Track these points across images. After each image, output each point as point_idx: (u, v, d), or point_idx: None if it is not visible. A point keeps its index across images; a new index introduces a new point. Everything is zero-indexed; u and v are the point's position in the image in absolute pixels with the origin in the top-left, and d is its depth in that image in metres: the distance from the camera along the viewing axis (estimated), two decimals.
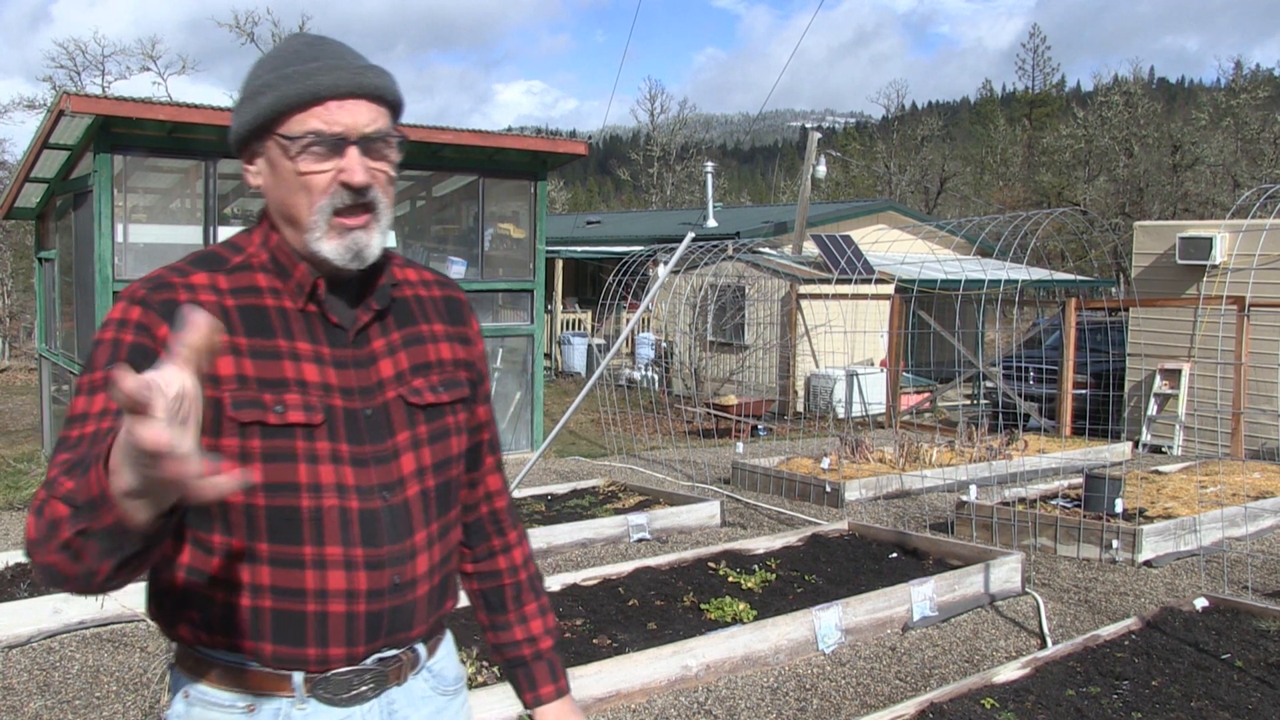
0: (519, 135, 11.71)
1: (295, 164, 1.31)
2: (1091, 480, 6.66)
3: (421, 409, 1.42)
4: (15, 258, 22.08)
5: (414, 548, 1.39)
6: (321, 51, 1.33)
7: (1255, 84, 38.92)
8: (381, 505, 1.36)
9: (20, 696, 4.09)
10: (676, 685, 4.09)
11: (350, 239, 1.33)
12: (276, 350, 1.33)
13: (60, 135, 8.25)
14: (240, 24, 33.44)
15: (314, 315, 1.37)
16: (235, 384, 1.30)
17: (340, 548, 1.33)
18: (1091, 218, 21.07)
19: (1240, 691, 4.01)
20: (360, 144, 1.32)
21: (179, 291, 1.34)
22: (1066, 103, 49.23)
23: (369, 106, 1.32)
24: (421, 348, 1.46)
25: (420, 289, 1.51)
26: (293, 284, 1.37)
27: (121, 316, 1.32)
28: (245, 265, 1.38)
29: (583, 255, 21.70)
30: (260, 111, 1.32)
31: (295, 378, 1.33)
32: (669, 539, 6.67)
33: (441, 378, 1.46)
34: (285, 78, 1.31)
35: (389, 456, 1.38)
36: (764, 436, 12.04)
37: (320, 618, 1.33)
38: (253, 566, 1.32)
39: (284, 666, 1.35)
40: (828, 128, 69.30)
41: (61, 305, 10.10)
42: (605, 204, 62.04)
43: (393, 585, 1.36)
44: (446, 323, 1.51)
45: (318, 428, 1.33)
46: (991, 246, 17.16)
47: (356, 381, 1.37)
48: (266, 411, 1.29)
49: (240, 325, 1.33)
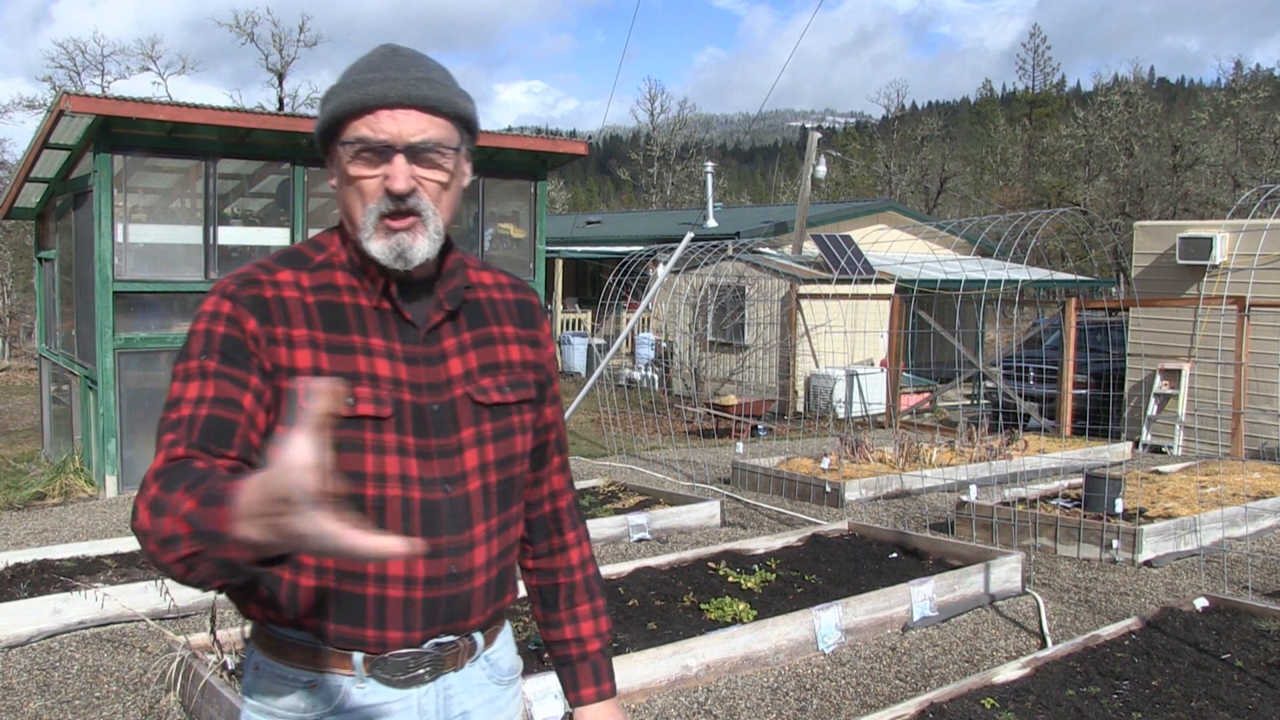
0: (519, 135, 11.71)
1: (348, 168, 1.39)
2: (1091, 480, 6.66)
3: (487, 408, 1.48)
4: (15, 258, 22.08)
5: (472, 539, 1.45)
6: (387, 62, 1.40)
7: (1255, 84, 38.95)
8: (442, 497, 1.42)
9: (20, 696, 4.09)
10: (676, 685, 4.09)
11: (394, 240, 1.39)
12: (351, 345, 1.41)
13: (60, 135, 8.25)
14: (240, 24, 33.44)
15: (388, 312, 1.44)
16: (311, 376, 1.37)
17: (401, 536, 1.36)
18: (1091, 218, 21.06)
19: (1240, 691, 4.01)
20: (406, 152, 1.37)
21: (265, 288, 1.41)
22: (1066, 103, 49.24)
23: (420, 116, 1.38)
24: (491, 348, 1.52)
25: (494, 291, 1.57)
26: (368, 282, 1.44)
27: (214, 309, 1.40)
28: (326, 264, 1.46)
29: (583, 255, 21.70)
30: (324, 117, 1.41)
31: (367, 372, 1.40)
32: (669, 539, 6.67)
33: (509, 378, 1.52)
34: (346, 86, 1.39)
35: (453, 451, 1.44)
36: (764, 436, 12.03)
37: (379, 601, 1.40)
38: None
39: (344, 646, 1.41)
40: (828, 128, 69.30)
41: (61, 305, 10.10)
42: (605, 204, 62.04)
43: (450, 574, 1.42)
44: (518, 325, 1.57)
45: (386, 420, 1.39)
46: (991, 246, 17.16)
47: (426, 377, 1.44)
48: (339, 403, 1.34)
49: (319, 320, 1.41)
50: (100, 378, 8.04)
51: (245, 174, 9.30)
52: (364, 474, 1.38)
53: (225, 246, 8.65)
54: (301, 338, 1.39)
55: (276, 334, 1.39)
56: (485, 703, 1.53)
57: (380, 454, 1.39)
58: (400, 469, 1.40)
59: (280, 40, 34.62)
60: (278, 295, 1.41)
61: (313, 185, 9.11)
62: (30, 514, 7.54)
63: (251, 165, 9.12)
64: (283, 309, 1.40)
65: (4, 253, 22.05)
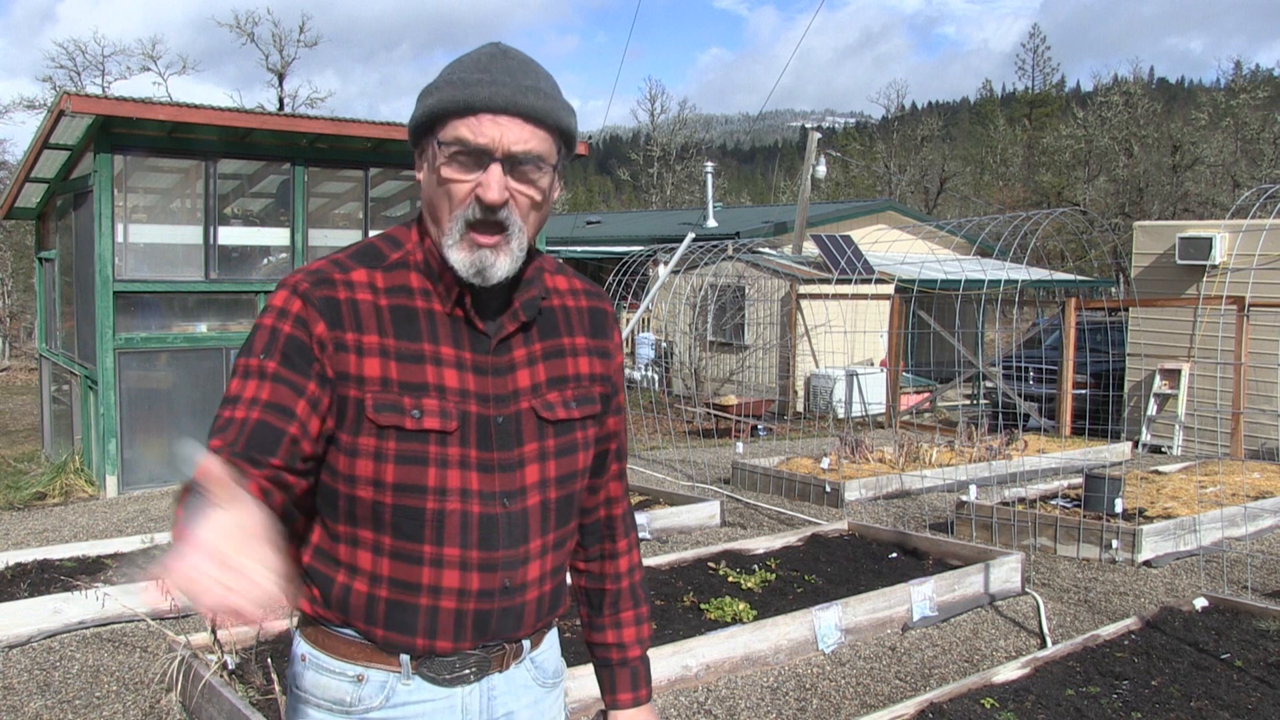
0: None
1: (442, 169, 1.34)
2: (1091, 480, 6.66)
3: (552, 424, 1.45)
4: (15, 258, 22.08)
5: (527, 554, 1.43)
6: (496, 64, 1.35)
7: (1255, 84, 38.93)
8: (501, 511, 1.41)
9: (20, 696, 4.09)
10: (676, 685, 4.09)
11: (477, 255, 1.35)
12: (420, 354, 1.38)
13: (60, 135, 8.26)
14: (240, 24, 33.45)
15: (460, 320, 1.40)
16: (379, 386, 1.35)
17: (458, 549, 1.39)
18: (1091, 218, 21.07)
19: (1240, 691, 4.01)
20: (505, 162, 1.32)
21: (339, 289, 1.37)
22: (1066, 103, 49.24)
23: (522, 126, 1.33)
24: (561, 361, 1.48)
25: (569, 299, 1.53)
26: (442, 288, 1.40)
27: (283, 306, 1.37)
28: (402, 263, 1.42)
29: (583, 255, 21.70)
30: (424, 112, 1.36)
31: (436, 382, 1.37)
32: (669, 539, 6.67)
33: (576, 393, 1.49)
34: (452, 83, 1.34)
35: (514, 465, 1.42)
36: (764, 436, 12.04)
37: (431, 611, 1.40)
38: (375, 557, 1.39)
39: (393, 651, 1.41)
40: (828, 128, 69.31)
41: (62, 305, 10.10)
42: (605, 204, 62.02)
43: (503, 588, 1.42)
44: (589, 335, 1.53)
45: (451, 434, 1.37)
46: (991, 246, 17.17)
47: (493, 389, 1.41)
48: (404, 416, 1.35)
49: (390, 326, 1.38)
50: (100, 378, 8.05)
51: (245, 174, 9.30)
52: (426, 488, 1.37)
53: (225, 246, 8.66)
54: (372, 345, 1.36)
55: (347, 340, 1.35)
56: (529, 704, 1.52)
57: (443, 468, 1.37)
58: (462, 482, 1.38)
59: (280, 40, 34.64)
60: (351, 298, 1.37)
61: (313, 185, 9.11)
62: (30, 514, 7.54)
63: (251, 165, 9.12)
64: (355, 313, 1.36)
65: (4, 253, 22.05)
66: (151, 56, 33.25)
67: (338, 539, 1.41)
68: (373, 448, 1.35)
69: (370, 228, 9.24)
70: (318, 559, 1.43)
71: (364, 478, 1.35)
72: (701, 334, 15.25)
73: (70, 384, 9.48)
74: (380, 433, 1.34)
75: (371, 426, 1.34)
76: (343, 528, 1.40)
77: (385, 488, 1.35)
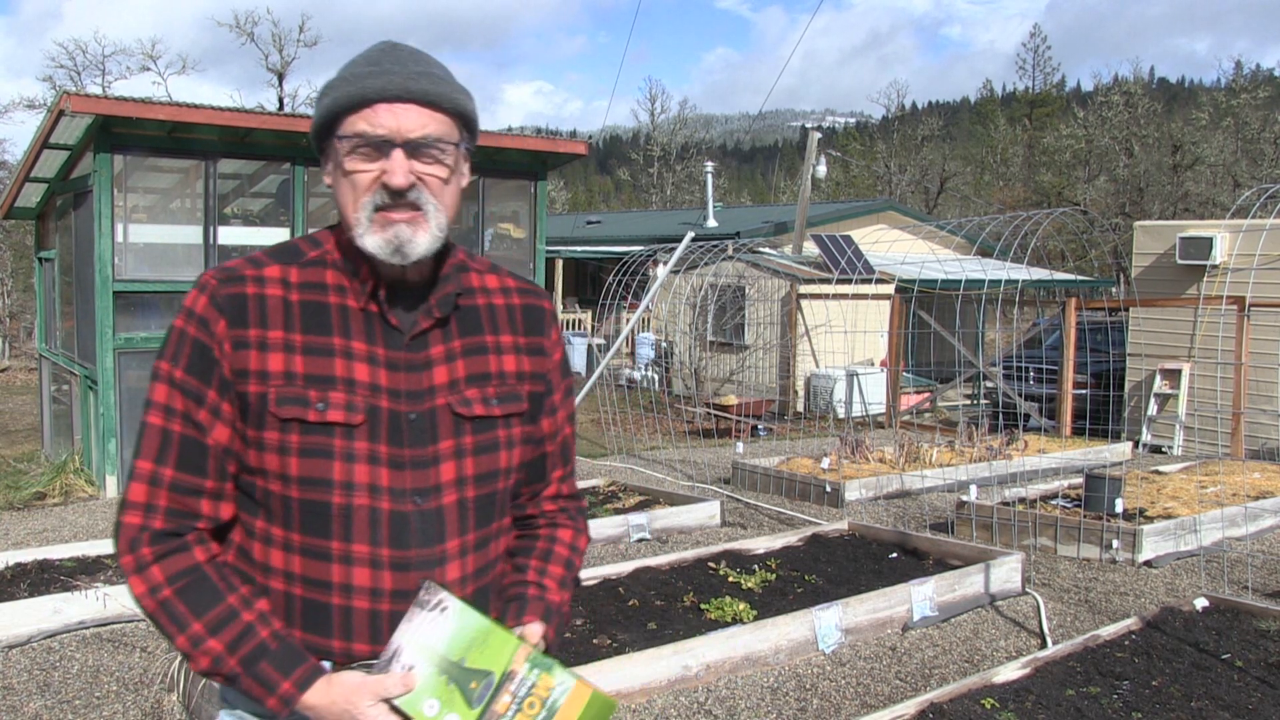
0: (519, 135, 11.71)
1: (345, 163, 1.36)
2: (1091, 480, 6.65)
3: (470, 420, 1.44)
4: (15, 258, 22.07)
5: (445, 554, 1.41)
6: (386, 57, 1.38)
7: (1255, 84, 38.92)
8: (413, 509, 1.39)
9: (20, 696, 4.09)
10: (676, 685, 4.09)
11: (392, 232, 1.35)
12: (330, 348, 1.38)
13: (60, 135, 8.25)
14: (240, 24, 33.45)
15: (375, 315, 1.41)
16: (283, 380, 1.36)
17: (368, 546, 1.37)
18: (1091, 218, 21.08)
19: (1240, 691, 4.01)
20: (406, 147, 1.35)
21: (248, 285, 1.39)
22: (1067, 103, 49.23)
23: (419, 111, 1.35)
24: (483, 358, 1.47)
25: (497, 297, 1.53)
26: (358, 283, 1.41)
27: (190, 305, 1.40)
28: (320, 261, 1.44)
29: (583, 255, 21.70)
30: (321, 112, 1.39)
31: (344, 376, 1.37)
32: (669, 539, 6.67)
33: (499, 391, 1.47)
34: (344, 80, 1.37)
35: (428, 462, 1.40)
36: (764, 436, 12.03)
37: (345, 612, 1.38)
38: (286, 555, 1.39)
39: (313, 654, 1.39)
40: (828, 128, 69.29)
41: (61, 305, 10.10)
42: (605, 204, 62.01)
43: (419, 588, 1.38)
44: (520, 333, 1.52)
45: (358, 427, 1.36)
46: (991, 246, 17.16)
47: (406, 385, 1.40)
48: (308, 409, 1.35)
49: (300, 321, 1.39)
50: (100, 378, 8.04)
51: (245, 174, 9.30)
52: (331, 482, 1.36)
53: (225, 246, 8.65)
54: (277, 340, 1.37)
55: (249, 336, 1.36)
56: None
57: (350, 462, 1.36)
58: (370, 478, 1.37)
59: (280, 40, 34.64)
60: (260, 293, 1.39)
61: (313, 185, 9.11)
62: (30, 514, 7.54)
63: (251, 165, 9.11)
64: (261, 308, 1.38)
65: (4, 253, 22.04)
66: (151, 56, 33.26)
67: (254, 536, 1.41)
68: (277, 441, 1.35)
69: None
70: (240, 558, 1.43)
71: (272, 472, 1.36)
72: (701, 334, 15.24)
73: (70, 384, 9.48)
74: (283, 426, 1.35)
75: (274, 420, 1.35)
76: (259, 524, 1.40)
77: (291, 481, 1.36)
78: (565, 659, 1.64)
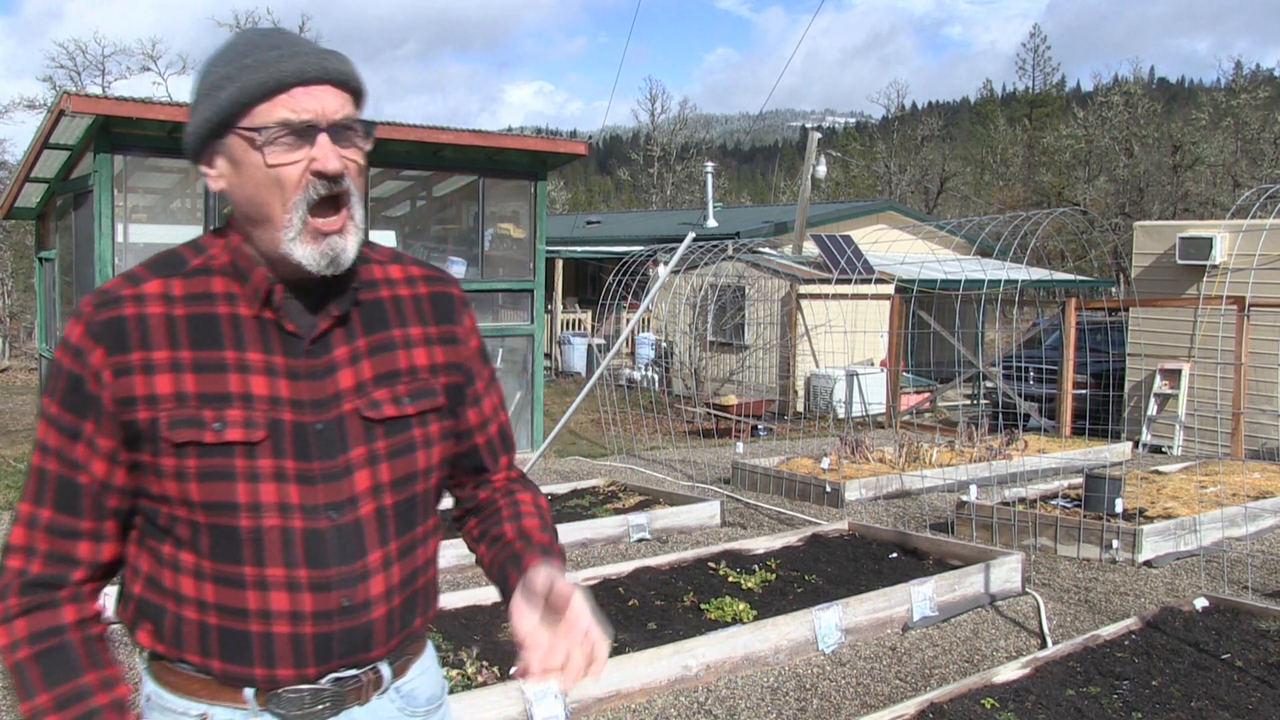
0: (519, 135, 11.71)
1: (264, 156, 1.24)
2: (1091, 480, 6.65)
3: (380, 423, 1.34)
4: (15, 258, 22.08)
5: (367, 569, 1.32)
6: (279, 40, 1.27)
7: (1255, 84, 38.92)
8: (329, 525, 1.30)
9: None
10: (676, 685, 4.09)
11: (326, 244, 1.27)
12: (223, 363, 1.28)
13: (60, 135, 8.25)
14: (240, 24, 33.47)
15: (270, 323, 1.31)
16: (174, 402, 1.26)
17: (283, 569, 1.29)
18: (1091, 218, 21.08)
19: (1240, 691, 4.01)
20: (330, 131, 1.26)
21: (126, 306, 1.29)
22: (1067, 103, 49.23)
23: (335, 92, 1.27)
24: (391, 355, 1.37)
25: (402, 288, 1.42)
26: (250, 289, 1.31)
27: (67, 334, 1.30)
28: (205, 268, 1.33)
29: (583, 255, 21.70)
30: (221, 106, 1.25)
31: (241, 391, 1.28)
32: (669, 539, 6.67)
33: (410, 387, 1.37)
34: (246, 68, 1.24)
35: (340, 474, 1.31)
36: (764, 436, 12.04)
37: (265, 638, 1.30)
38: (198, 582, 1.30)
39: (234, 684, 1.32)
40: (828, 128, 69.31)
41: (62, 305, 10.10)
42: (605, 204, 62.02)
43: (342, 608, 1.31)
44: (429, 323, 1.42)
45: (259, 445, 1.27)
46: (991, 246, 17.17)
47: (309, 394, 1.31)
48: (204, 430, 1.26)
49: (187, 338, 1.29)
50: None
51: None
52: (237, 504, 1.27)
53: None
54: (164, 361, 1.27)
55: (132, 361, 1.27)
56: None
57: (254, 482, 1.27)
58: (279, 497, 1.28)
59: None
60: (140, 313, 1.28)
61: None
62: None
63: None
64: (143, 330, 1.28)
65: (4, 253, 22.04)
66: (151, 56, 33.22)
67: (163, 563, 1.32)
68: (173, 467, 1.26)
69: (370, 228, 9.24)
70: (149, 589, 1.34)
71: (175, 498, 1.28)
72: (701, 334, 15.24)
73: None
74: (179, 451, 1.26)
75: (169, 445, 1.26)
76: (167, 550, 1.31)
77: (195, 507, 1.27)
78: None
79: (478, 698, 3.59)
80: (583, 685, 3.78)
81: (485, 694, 3.63)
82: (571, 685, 1.27)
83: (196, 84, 1.30)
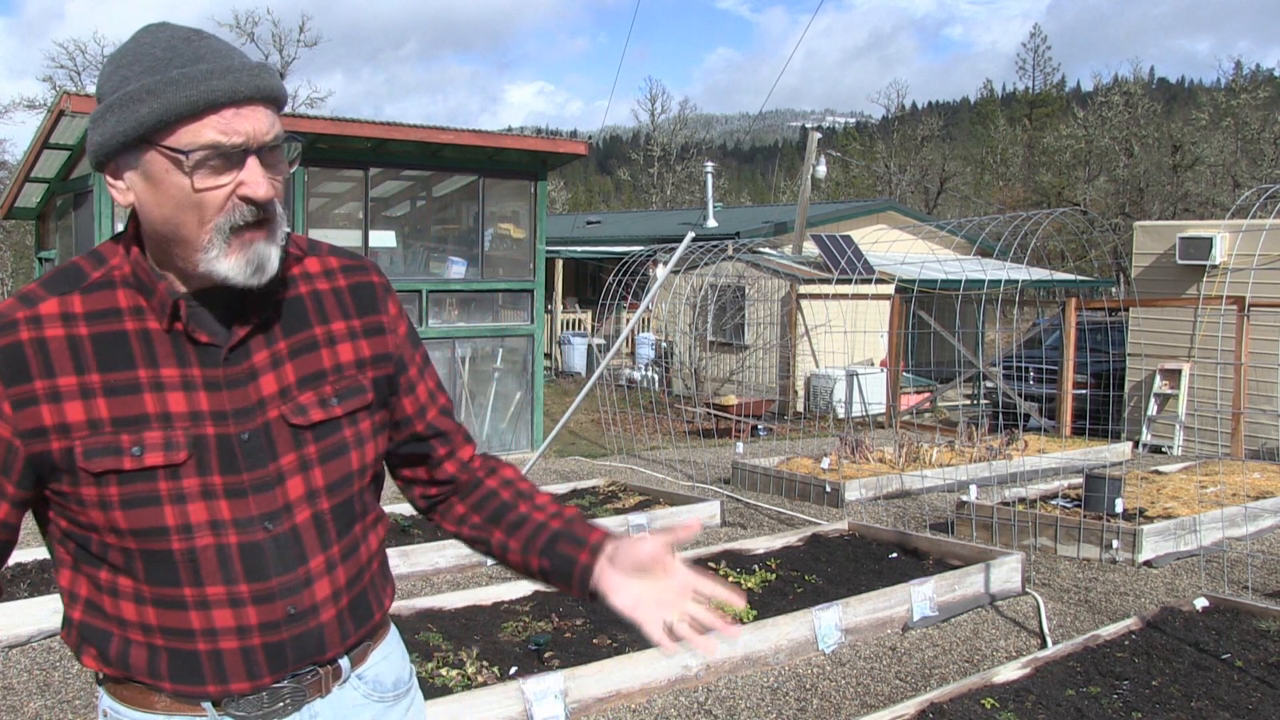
0: (519, 135, 11.71)
1: (191, 180, 1.16)
2: (1091, 480, 6.66)
3: (309, 428, 1.29)
4: (15, 258, 22.09)
5: (310, 575, 1.29)
6: (204, 51, 1.18)
7: (1255, 84, 38.94)
8: (265, 537, 1.26)
9: (20, 696, 4.09)
10: (676, 685, 4.09)
11: (252, 252, 1.20)
12: (136, 383, 1.21)
13: (60, 135, 8.26)
14: (240, 24, 33.48)
15: (182, 334, 1.23)
16: (88, 430, 1.19)
17: (223, 586, 1.25)
18: (1091, 218, 21.08)
19: (1240, 691, 4.01)
20: (259, 153, 1.19)
21: (21, 330, 1.20)
22: (1067, 103, 49.25)
23: (265, 112, 1.19)
24: (314, 355, 1.31)
25: (320, 281, 1.35)
26: (156, 302, 1.23)
27: None
28: (107, 281, 1.24)
29: (583, 255, 21.70)
30: (142, 120, 1.15)
31: (158, 411, 1.21)
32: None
33: (337, 387, 1.32)
34: (170, 82, 1.14)
35: (272, 482, 1.26)
36: (764, 436, 12.04)
37: (214, 655, 1.27)
38: (139, 607, 1.27)
39: (189, 700, 1.30)
40: (828, 128, 69.30)
41: None
42: (605, 204, 62.03)
43: (289, 616, 1.28)
44: (352, 316, 1.36)
45: (182, 465, 1.22)
46: (991, 246, 17.16)
47: (231, 403, 1.25)
48: (122, 457, 1.20)
49: (94, 360, 1.21)
50: None
51: None
52: (166, 528, 1.21)
53: None
54: (71, 387, 1.19)
55: (35, 390, 1.19)
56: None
57: (181, 503, 1.21)
58: (209, 514, 1.23)
59: (281, 40, 34.66)
60: (38, 337, 1.20)
61: (313, 185, 9.11)
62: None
63: None
64: (43, 355, 1.19)
65: (4, 253, 22.05)
66: None
67: (102, 589, 1.28)
68: (95, 497, 1.20)
69: (370, 228, 9.24)
70: (90, 614, 1.30)
71: (101, 526, 1.22)
72: (701, 334, 15.25)
73: None
74: (98, 480, 1.19)
75: (87, 475, 1.19)
76: (104, 576, 1.27)
77: (124, 534, 1.22)
78: (565, 659, 1.62)
79: (478, 698, 3.59)
80: (582, 685, 3.78)
81: (485, 694, 3.63)
82: (712, 647, 1.34)
83: (105, 87, 1.19)
